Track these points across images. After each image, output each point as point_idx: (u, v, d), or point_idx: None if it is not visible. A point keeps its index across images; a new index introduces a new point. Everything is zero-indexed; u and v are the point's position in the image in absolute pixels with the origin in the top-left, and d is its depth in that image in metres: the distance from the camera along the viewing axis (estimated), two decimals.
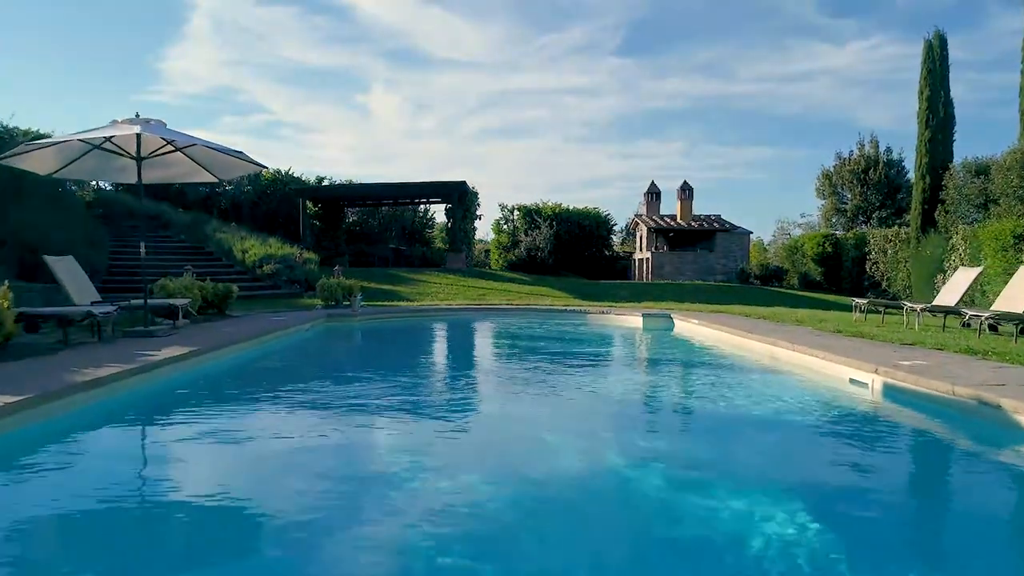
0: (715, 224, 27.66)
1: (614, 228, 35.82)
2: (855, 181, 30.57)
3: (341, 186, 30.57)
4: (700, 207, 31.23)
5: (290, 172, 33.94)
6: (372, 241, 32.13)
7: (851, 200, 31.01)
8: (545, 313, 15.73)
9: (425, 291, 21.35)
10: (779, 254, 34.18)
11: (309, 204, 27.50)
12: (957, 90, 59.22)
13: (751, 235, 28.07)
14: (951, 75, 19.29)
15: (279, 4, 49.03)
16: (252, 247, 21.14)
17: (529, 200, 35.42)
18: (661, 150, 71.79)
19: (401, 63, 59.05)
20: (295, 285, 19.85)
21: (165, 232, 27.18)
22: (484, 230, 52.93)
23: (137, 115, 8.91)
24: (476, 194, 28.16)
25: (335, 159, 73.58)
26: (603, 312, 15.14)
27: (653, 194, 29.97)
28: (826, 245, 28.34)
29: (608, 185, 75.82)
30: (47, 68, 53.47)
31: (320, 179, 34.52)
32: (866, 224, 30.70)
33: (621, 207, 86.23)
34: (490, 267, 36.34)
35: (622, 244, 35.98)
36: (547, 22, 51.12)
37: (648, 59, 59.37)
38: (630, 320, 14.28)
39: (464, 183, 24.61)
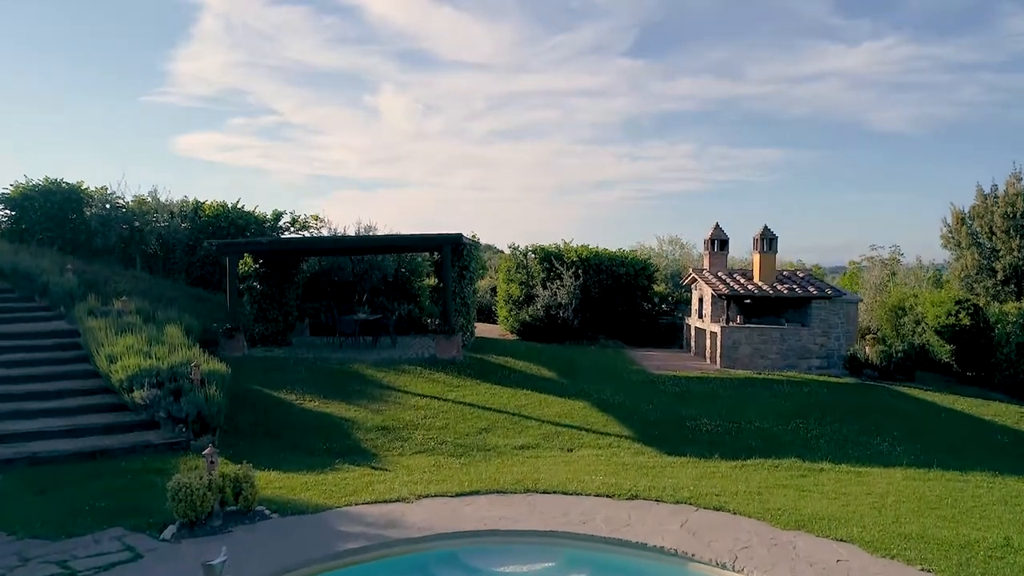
0: (810, 288, 19.84)
1: (655, 275, 28.23)
2: (1011, 231, 22.46)
3: (288, 240, 22.95)
4: (707, 213, 23.42)
5: (239, 205, 26.37)
6: (343, 297, 24.39)
7: (1004, 256, 22.67)
8: (615, 554, 8.04)
9: (393, 421, 13.62)
10: (871, 312, 26.25)
11: (248, 259, 19.82)
12: (968, 92, 52.94)
13: (859, 303, 20.22)
14: None
15: (288, 4, 44.79)
16: (124, 350, 13.27)
17: (545, 240, 27.96)
18: (669, 152, 66.84)
19: (411, 64, 55.15)
20: (179, 426, 12.10)
21: (41, 301, 19.43)
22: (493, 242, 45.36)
23: None
24: (477, 245, 20.39)
25: (341, 160, 68.87)
26: (728, 569, 7.42)
27: (717, 242, 22.06)
28: (961, 315, 20.49)
29: (614, 188, 70.00)
30: (48, 70, 49.33)
31: (278, 214, 26.86)
32: (1019, 291, 22.44)
33: (626, 211, 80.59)
34: (495, 317, 28.68)
35: (668, 298, 28.19)
36: (558, 23, 47.45)
37: (658, 60, 55.19)
38: None
39: (460, 236, 16.90)
